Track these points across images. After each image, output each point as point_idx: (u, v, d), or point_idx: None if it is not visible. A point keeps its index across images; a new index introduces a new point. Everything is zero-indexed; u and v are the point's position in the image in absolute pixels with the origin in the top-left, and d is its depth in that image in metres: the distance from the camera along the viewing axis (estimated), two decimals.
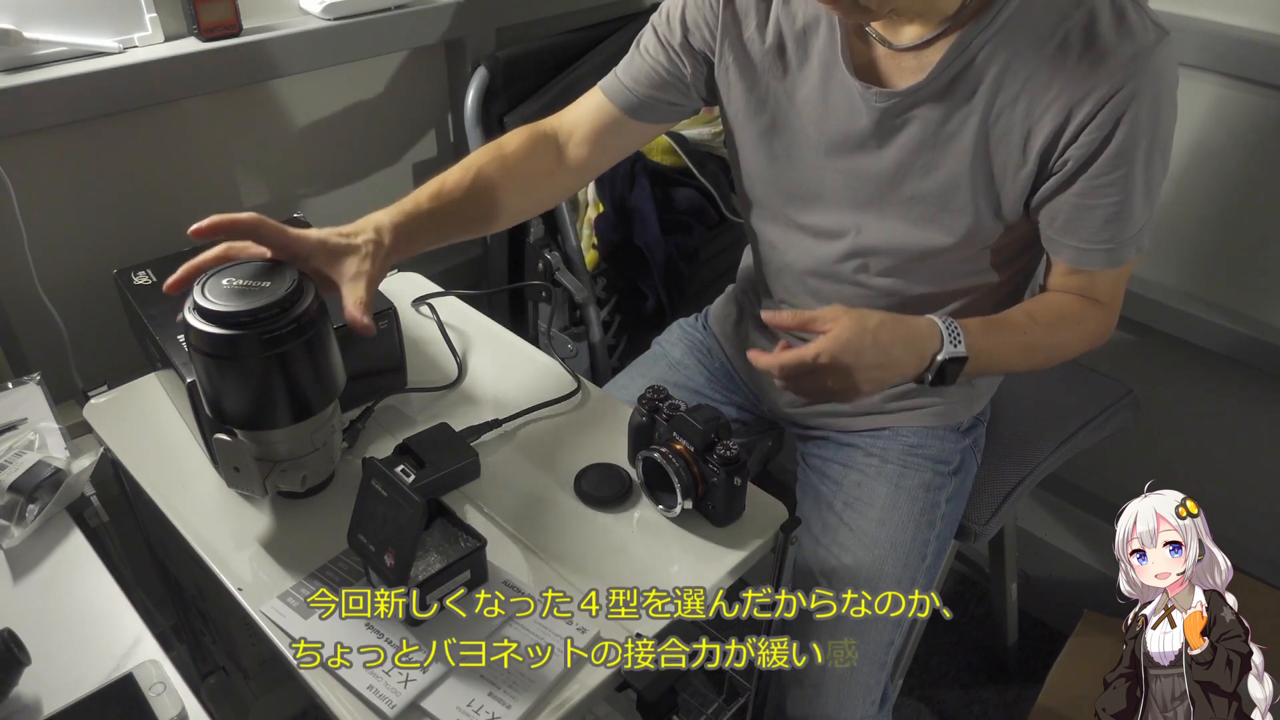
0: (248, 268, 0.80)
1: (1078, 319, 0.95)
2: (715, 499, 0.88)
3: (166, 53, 1.17)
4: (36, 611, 0.81)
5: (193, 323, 0.76)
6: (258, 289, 0.77)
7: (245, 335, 0.75)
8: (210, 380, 0.79)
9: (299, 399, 0.81)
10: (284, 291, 0.77)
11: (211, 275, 0.79)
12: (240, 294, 0.77)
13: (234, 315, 0.75)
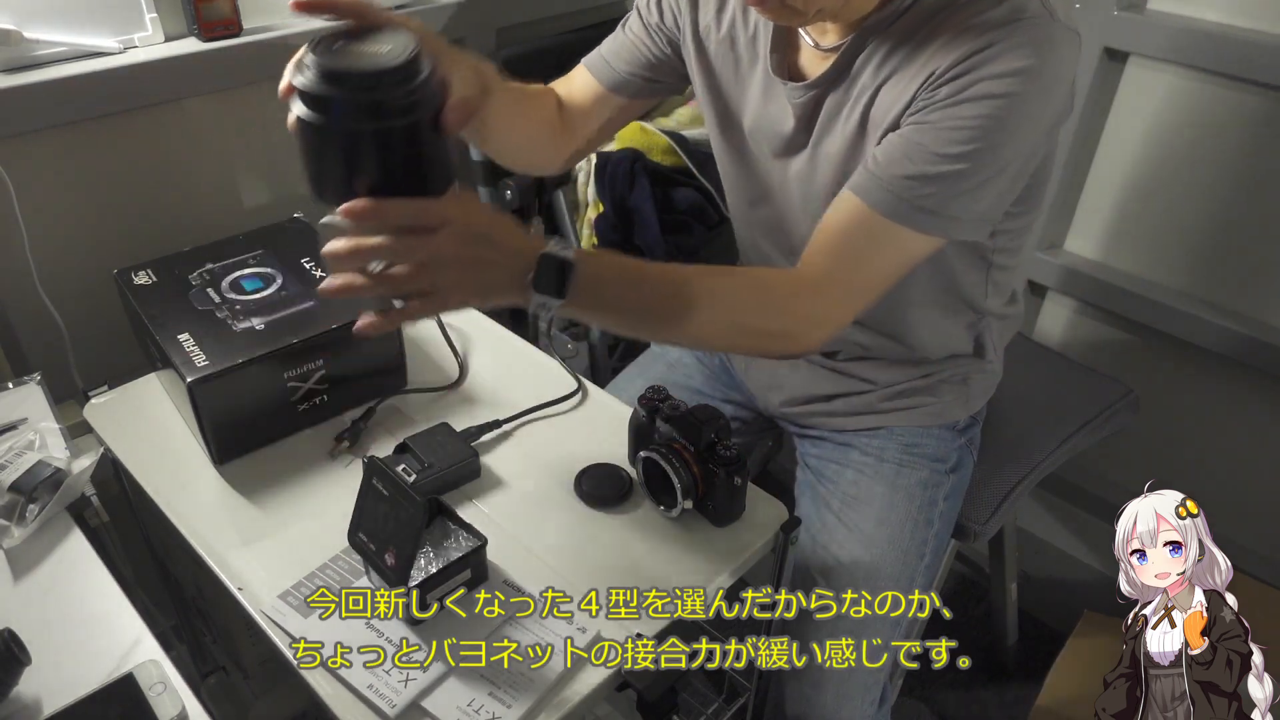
0: (362, 33, 0.71)
1: (772, 296, 0.84)
2: (715, 499, 0.88)
3: (166, 53, 1.17)
4: (36, 611, 0.81)
5: (303, 84, 0.69)
6: (373, 54, 0.68)
7: (370, 98, 0.66)
8: (320, 150, 0.70)
9: (414, 176, 0.69)
10: (406, 57, 0.66)
11: (322, 37, 0.70)
12: (355, 56, 0.68)
13: (355, 76, 0.67)
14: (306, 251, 1.08)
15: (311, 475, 0.95)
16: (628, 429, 0.95)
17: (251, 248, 1.08)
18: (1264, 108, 1.25)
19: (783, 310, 0.84)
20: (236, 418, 0.94)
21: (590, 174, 1.49)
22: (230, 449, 0.96)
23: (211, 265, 1.05)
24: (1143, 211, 1.41)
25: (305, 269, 1.05)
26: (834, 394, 1.11)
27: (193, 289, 1.02)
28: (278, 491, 0.93)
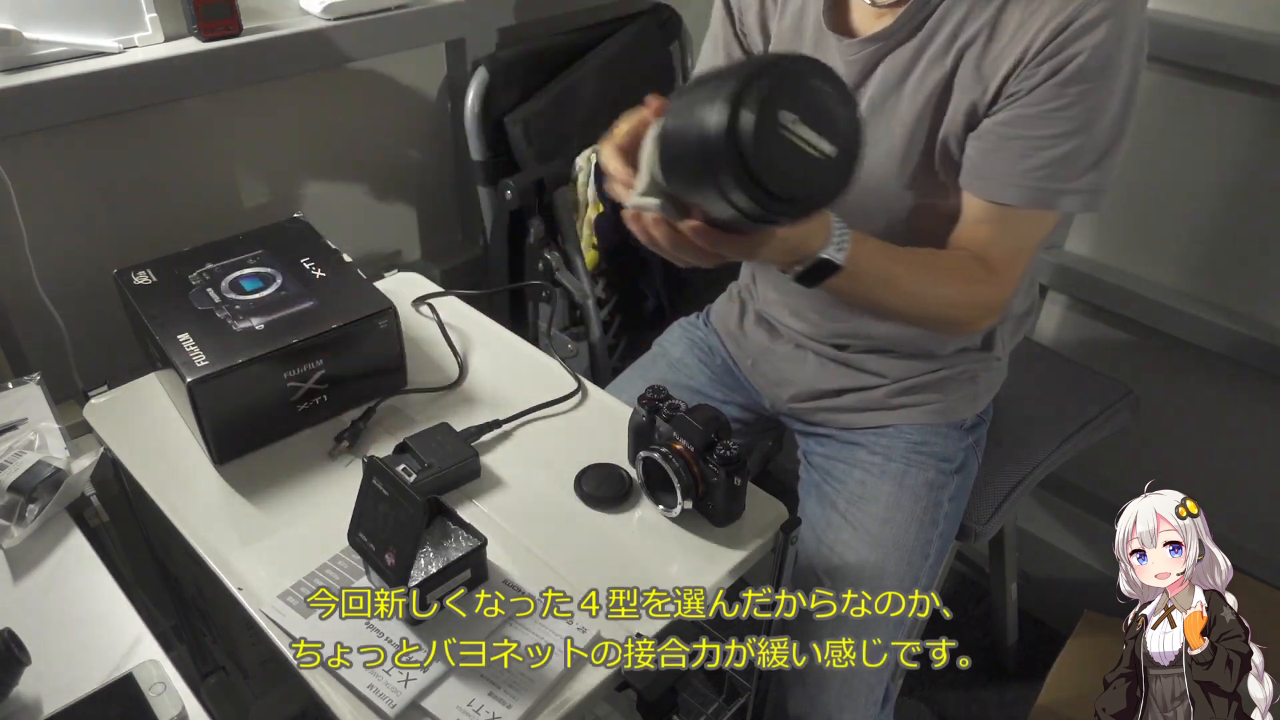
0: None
1: (967, 278, 0.91)
2: (715, 499, 0.88)
3: (166, 53, 1.17)
4: (36, 611, 0.81)
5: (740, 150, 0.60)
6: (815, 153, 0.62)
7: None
8: (698, 181, 0.66)
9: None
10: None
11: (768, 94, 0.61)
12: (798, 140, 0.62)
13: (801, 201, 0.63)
14: (306, 251, 1.08)
15: (311, 475, 0.95)
16: (628, 429, 0.95)
17: (251, 248, 1.08)
18: (1264, 108, 1.25)
19: (970, 300, 0.93)
20: (236, 418, 0.94)
21: (590, 174, 1.49)
22: (230, 449, 0.96)
23: (211, 265, 1.05)
24: (1142, 211, 1.41)
25: (305, 269, 1.05)
26: (843, 389, 1.11)
27: (193, 289, 1.02)
28: (278, 491, 0.93)
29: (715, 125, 0.58)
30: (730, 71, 0.61)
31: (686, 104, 0.64)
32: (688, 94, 0.65)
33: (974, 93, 0.87)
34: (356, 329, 0.98)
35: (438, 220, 1.66)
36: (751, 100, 0.58)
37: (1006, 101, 0.86)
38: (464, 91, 1.44)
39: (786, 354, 1.15)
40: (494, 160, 1.48)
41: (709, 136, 0.59)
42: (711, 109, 0.59)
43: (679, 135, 0.64)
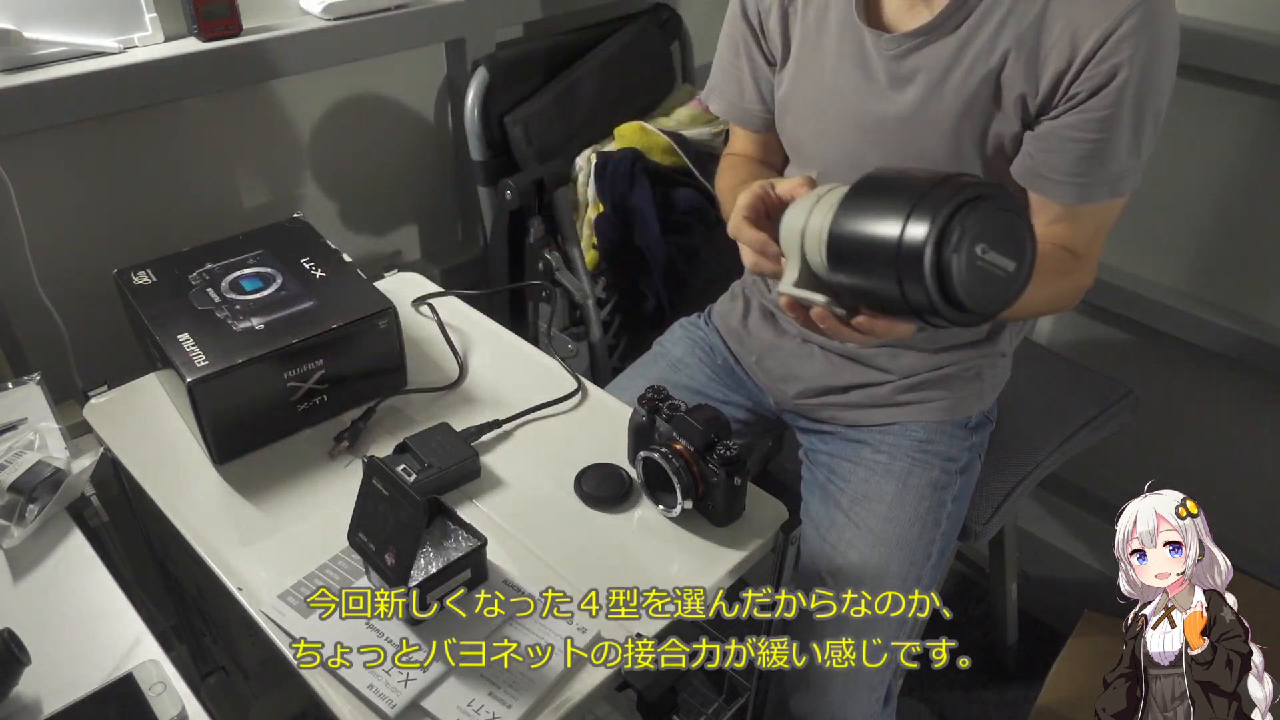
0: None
1: (1063, 271, 0.96)
2: (715, 499, 0.88)
3: (166, 53, 1.17)
4: (36, 611, 0.81)
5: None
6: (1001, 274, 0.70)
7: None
8: (878, 280, 0.70)
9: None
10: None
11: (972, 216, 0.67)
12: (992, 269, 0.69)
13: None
14: (306, 251, 1.08)
15: (311, 475, 0.95)
16: (628, 429, 0.95)
17: (251, 248, 1.08)
18: (1264, 108, 1.25)
19: (1069, 290, 0.99)
20: (236, 418, 0.94)
21: (590, 174, 1.49)
22: (230, 449, 0.96)
23: (211, 265, 1.05)
24: (1142, 212, 1.41)
25: (305, 269, 1.05)
26: (850, 385, 1.11)
27: (193, 289, 1.02)
28: (278, 491, 0.93)
29: (915, 256, 0.65)
30: (916, 195, 0.66)
31: (866, 214, 0.69)
32: (864, 200, 0.70)
33: (1024, 86, 0.89)
34: (356, 329, 0.98)
35: (438, 220, 1.66)
36: (956, 239, 0.65)
37: (1065, 105, 0.88)
38: (464, 91, 1.44)
39: (793, 350, 1.15)
40: (494, 160, 1.48)
41: (908, 264, 0.66)
42: (911, 235, 0.65)
43: (863, 246, 0.69)
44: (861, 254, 0.70)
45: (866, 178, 0.73)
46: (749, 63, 1.07)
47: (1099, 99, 0.86)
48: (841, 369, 1.11)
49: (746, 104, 1.10)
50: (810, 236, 0.75)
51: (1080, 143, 0.89)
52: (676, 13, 1.70)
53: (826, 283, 0.76)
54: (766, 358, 1.18)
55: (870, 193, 0.71)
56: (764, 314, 1.19)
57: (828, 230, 0.72)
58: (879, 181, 0.72)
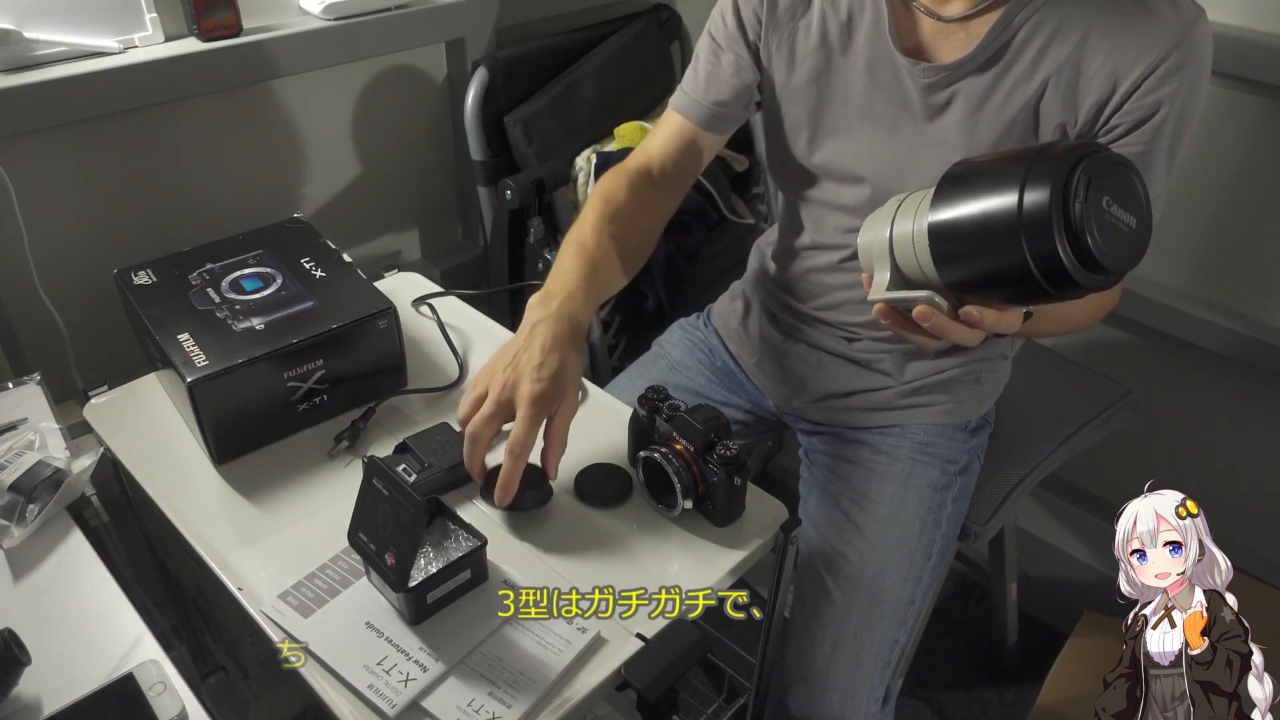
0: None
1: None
2: (715, 499, 0.88)
3: (166, 53, 1.17)
4: (36, 611, 0.81)
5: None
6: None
7: None
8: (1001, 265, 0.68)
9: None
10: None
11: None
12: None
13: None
14: (306, 251, 1.08)
15: (311, 475, 0.95)
16: (627, 429, 0.95)
17: (251, 248, 1.08)
18: (1264, 108, 1.25)
19: (1100, 305, 0.99)
20: (236, 418, 0.94)
21: (590, 174, 1.49)
22: (230, 449, 0.96)
23: (211, 265, 1.05)
24: None
25: (305, 269, 1.05)
26: (852, 390, 1.11)
27: (193, 289, 1.02)
28: (278, 491, 0.93)
29: (1043, 218, 0.62)
30: (1025, 163, 0.64)
31: (972, 195, 0.67)
32: (962, 186, 0.68)
33: (1063, 116, 0.89)
34: (356, 329, 0.98)
35: (438, 220, 1.66)
36: (1083, 194, 0.62)
37: (1105, 137, 0.88)
38: (464, 91, 1.44)
39: (793, 353, 1.15)
40: (494, 160, 1.48)
41: (1034, 229, 0.63)
42: (1033, 199, 0.63)
43: (977, 225, 0.66)
44: (977, 234, 0.67)
45: (955, 168, 0.70)
46: (733, 62, 1.03)
47: (1140, 132, 0.87)
48: (843, 375, 1.11)
49: (710, 99, 1.04)
50: (901, 241, 0.72)
51: None
52: (676, 13, 1.71)
53: (922, 284, 0.73)
54: (766, 360, 1.18)
55: (967, 178, 0.68)
56: (764, 316, 1.18)
57: (927, 225, 0.69)
58: (971, 167, 0.69)
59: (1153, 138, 0.87)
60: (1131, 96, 0.86)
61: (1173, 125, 0.86)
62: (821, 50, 0.97)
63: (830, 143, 1.01)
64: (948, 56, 0.91)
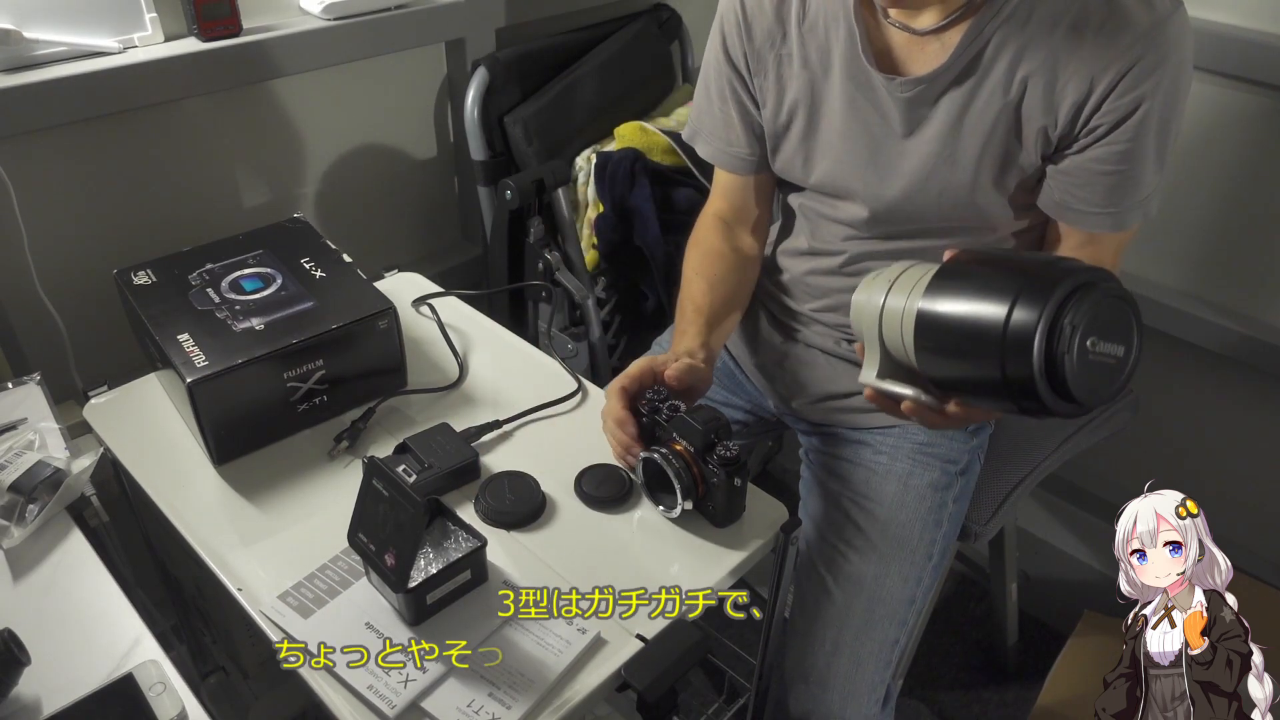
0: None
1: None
2: (715, 499, 0.88)
3: (166, 53, 1.17)
4: (36, 611, 0.81)
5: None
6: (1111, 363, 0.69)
7: None
8: (972, 372, 0.69)
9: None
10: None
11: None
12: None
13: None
14: (306, 251, 1.08)
15: (311, 475, 0.95)
16: None
17: (251, 248, 1.08)
18: (1264, 108, 1.25)
19: None
20: (236, 418, 0.94)
21: (590, 174, 1.49)
22: (230, 449, 0.96)
23: (211, 265, 1.05)
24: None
25: (305, 269, 1.05)
26: (852, 391, 1.11)
27: (192, 289, 1.02)
28: (278, 491, 0.93)
29: (1024, 344, 0.62)
30: (1021, 277, 0.63)
31: (964, 294, 0.66)
32: (958, 281, 0.67)
33: (1043, 119, 0.89)
34: (356, 329, 0.98)
35: (438, 220, 1.66)
36: (1067, 337, 0.61)
37: (1087, 138, 0.88)
38: (464, 91, 1.44)
39: (793, 355, 1.15)
40: (494, 160, 1.48)
41: (1014, 349, 0.62)
42: (1019, 320, 0.62)
43: (962, 328, 0.66)
44: (960, 336, 0.66)
45: (959, 258, 0.69)
46: (737, 107, 1.05)
47: (1122, 131, 0.87)
48: (842, 375, 1.11)
49: (735, 149, 1.07)
50: (890, 316, 0.71)
51: (1109, 175, 0.89)
52: (676, 13, 1.70)
53: (909, 368, 0.72)
54: (766, 361, 1.18)
55: (965, 275, 0.67)
56: (764, 316, 1.18)
57: (916, 311, 0.68)
58: (973, 262, 0.68)
59: (1136, 134, 0.87)
60: (1109, 97, 0.85)
61: (1156, 120, 0.86)
62: (805, 74, 0.98)
63: (823, 164, 1.01)
64: (922, 69, 0.91)
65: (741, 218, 1.13)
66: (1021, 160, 0.92)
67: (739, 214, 1.13)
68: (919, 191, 0.95)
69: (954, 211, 0.96)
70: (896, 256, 1.02)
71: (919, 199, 0.96)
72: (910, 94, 0.91)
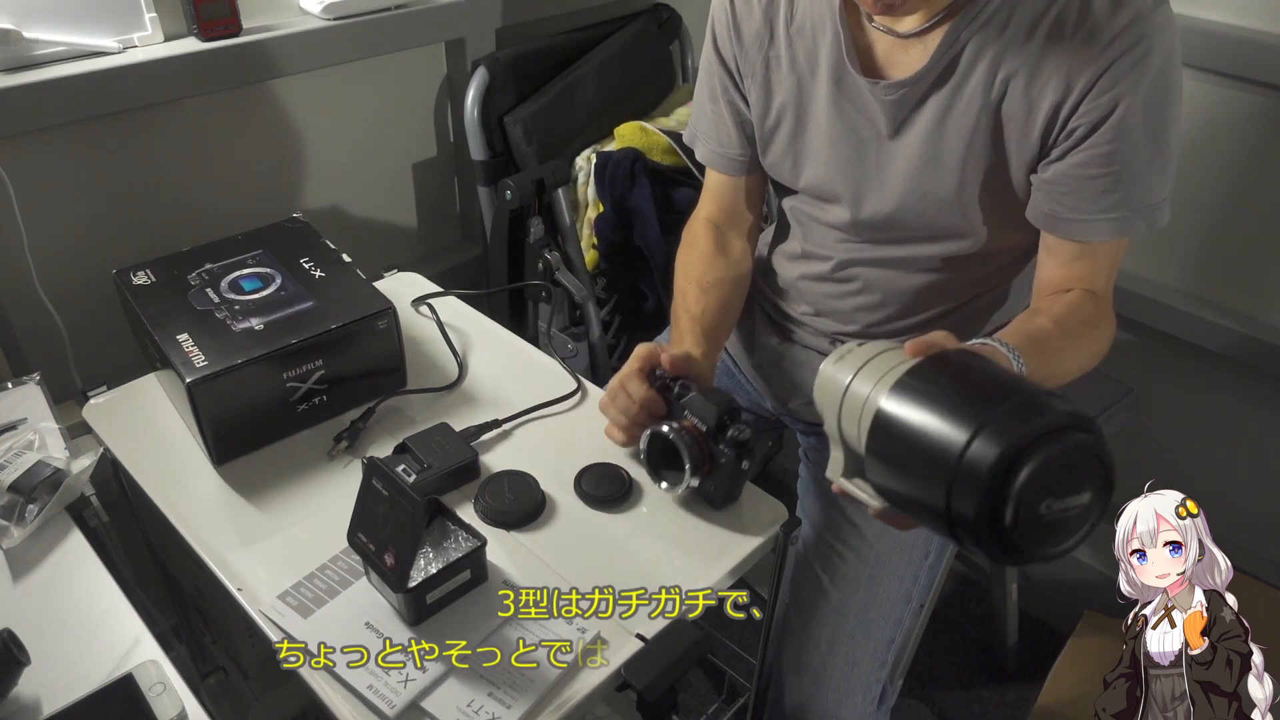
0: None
1: (1093, 322, 0.93)
2: (720, 480, 0.87)
3: (166, 53, 1.17)
4: (36, 611, 0.81)
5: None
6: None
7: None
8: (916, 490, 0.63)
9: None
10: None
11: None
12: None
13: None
14: (305, 251, 1.08)
15: (311, 475, 0.95)
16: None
17: (251, 248, 1.08)
18: (1264, 108, 1.25)
19: (1101, 342, 0.94)
20: (236, 418, 0.94)
21: (590, 174, 1.49)
22: (229, 449, 0.96)
23: (211, 265, 1.05)
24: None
25: (304, 269, 1.05)
26: None
27: (192, 289, 1.02)
28: (277, 491, 0.93)
29: (970, 498, 0.56)
30: (991, 406, 0.58)
31: (930, 408, 0.60)
32: (928, 393, 0.61)
33: (1024, 120, 0.88)
34: (356, 329, 0.98)
35: (438, 220, 1.66)
36: (1014, 505, 0.55)
37: (1065, 142, 0.87)
38: (464, 91, 1.44)
39: (790, 355, 1.15)
40: (494, 160, 1.48)
41: (962, 502, 0.57)
42: (963, 484, 0.56)
43: (913, 444, 0.60)
44: (911, 450, 0.61)
45: (935, 361, 0.63)
46: (729, 108, 1.05)
47: (1102, 133, 0.85)
48: None
49: (730, 151, 1.08)
50: (851, 404, 0.66)
51: (1096, 179, 0.87)
52: (676, 13, 1.70)
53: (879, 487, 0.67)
54: (765, 362, 1.18)
55: (935, 386, 0.61)
56: (760, 318, 1.19)
57: (876, 410, 0.63)
58: (946, 373, 0.62)
59: (1118, 135, 0.85)
60: (1086, 98, 0.84)
61: (1141, 121, 0.84)
62: (792, 77, 0.98)
63: (810, 166, 1.01)
64: (904, 72, 0.91)
65: (733, 221, 1.12)
66: (1006, 163, 0.91)
67: (730, 218, 1.12)
68: (904, 195, 0.95)
69: (939, 217, 0.95)
70: (885, 264, 1.02)
71: (904, 203, 0.96)
72: (894, 97, 0.91)
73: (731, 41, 1.00)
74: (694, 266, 1.09)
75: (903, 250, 1.00)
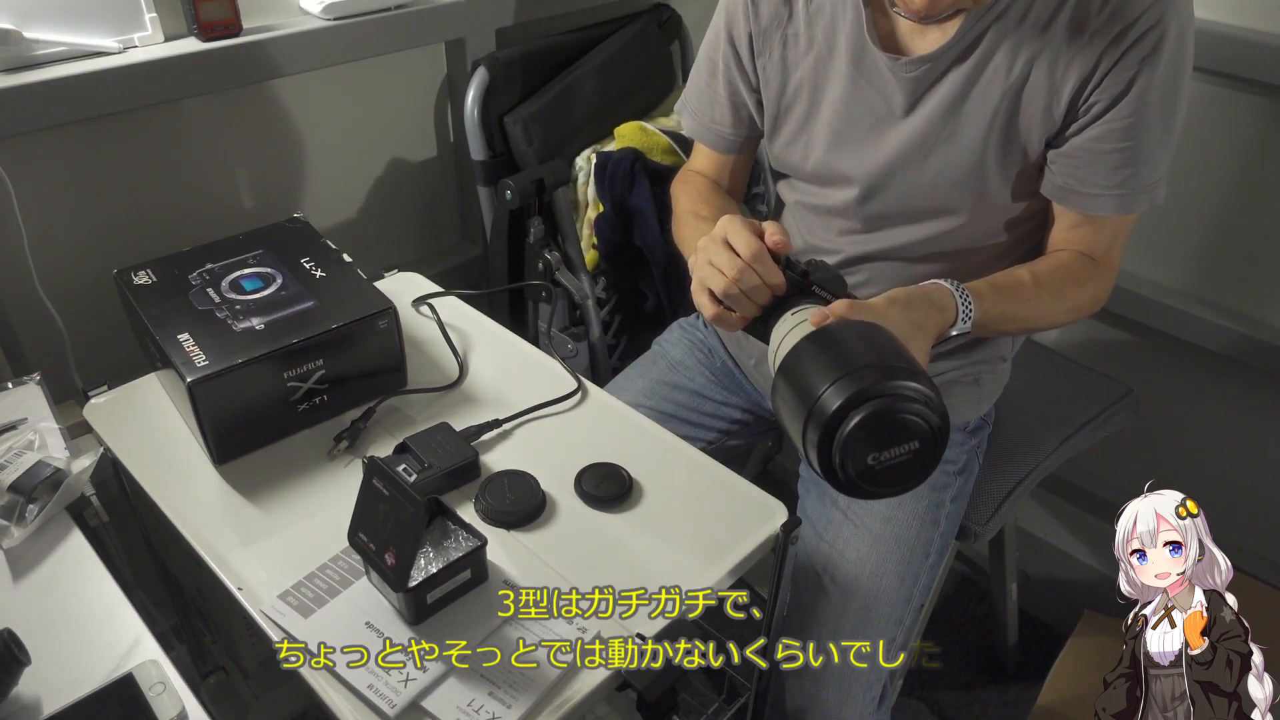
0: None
1: (1080, 281, 0.96)
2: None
3: (166, 53, 1.17)
4: (36, 611, 0.81)
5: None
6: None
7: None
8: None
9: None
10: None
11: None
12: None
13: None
14: (306, 251, 1.08)
15: (311, 475, 0.95)
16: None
17: (251, 248, 1.08)
18: (1264, 108, 1.25)
19: (1087, 299, 0.98)
20: (236, 418, 0.94)
21: (590, 174, 1.49)
22: (230, 449, 0.96)
23: (211, 265, 1.05)
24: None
25: (305, 269, 1.05)
26: None
27: (192, 289, 1.02)
28: (278, 491, 0.93)
29: (818, 469, 0.68)
30: (847, 369, 0.67)
31: (806, 381, 0.70)
32: (813, 358, 0.71)
33: (1046, 99, 0.90)
34: (356, 329, 0.98)
35: (438, 220, 1.66)
36: (842, 466, 0.67)
37: (1085, 117, 0.89)
38: (464, 91, 1.44)
39: None
40: (494, 160, 1.48)
41: (814, 452, 0.68)
42: (809, 447, 0.69)
43: (797, 402, 0.70)
44: (785, 408, 0.72)
45: (819, 333, 0.73)
46: (726, 85, 1.06)
47: (1122, 106, 0.87)
48: None
49: (717, 125, 1.10)
50: (785, 335, 0.77)
51: (1113, 153, 0.89)
52: (676, 13, 1.70)
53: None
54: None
55: (821, 346, 0.72)
56: None
57: (777, 368, 0.74)
58: (814, 347, 0.72)
59: (1137, 109, 0.87)
60: (1109, 75, 0.86)
61: (1158, 96, 0.87)
62: (810, 56, 0.98)
63: (820, 145, 1.02)
64: (926, 49, 0.92)
65: (720, 185, 1.15)
66: (1025, 142, 0.92)
67: (714, 183, 1.15)
68: (913, 166, 0.96)
69: (950, 193, 0.96)
70: (890, 255, 1.02)
71: (913, 175, 0.96)
72: (915, 73, 0.92)
73: (748, 19, 1.01)
74: (694, 197, 1.10)
75: (909, 232, 1.00)
